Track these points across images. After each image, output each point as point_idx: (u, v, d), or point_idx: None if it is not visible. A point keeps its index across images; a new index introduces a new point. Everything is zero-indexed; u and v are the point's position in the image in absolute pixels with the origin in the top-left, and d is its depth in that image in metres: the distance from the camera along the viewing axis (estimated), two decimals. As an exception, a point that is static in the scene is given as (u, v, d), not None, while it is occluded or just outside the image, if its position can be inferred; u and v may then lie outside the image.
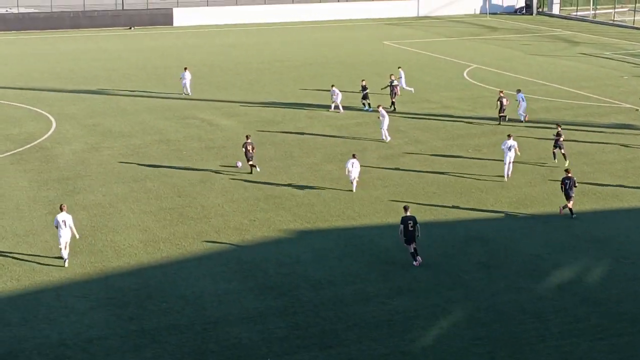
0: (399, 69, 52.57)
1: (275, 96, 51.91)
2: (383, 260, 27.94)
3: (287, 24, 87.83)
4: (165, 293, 25.40)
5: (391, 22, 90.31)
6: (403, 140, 42.09)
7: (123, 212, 31.88)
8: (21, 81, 56.33)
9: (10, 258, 27.71)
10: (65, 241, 27.29)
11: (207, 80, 56.97)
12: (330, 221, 31.33)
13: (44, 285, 25.89)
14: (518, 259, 28.17)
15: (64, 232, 27.23)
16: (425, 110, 48.52)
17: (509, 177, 36.19)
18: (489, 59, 66.26)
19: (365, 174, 36.52)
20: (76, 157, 39.13)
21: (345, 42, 75.04)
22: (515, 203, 33.38)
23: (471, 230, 30.67)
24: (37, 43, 73.39)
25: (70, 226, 27.32)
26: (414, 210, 32.20)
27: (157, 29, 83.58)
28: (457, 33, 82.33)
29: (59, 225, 27.22)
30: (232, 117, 46.58)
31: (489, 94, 52.34)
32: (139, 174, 36.70)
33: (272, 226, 30.81)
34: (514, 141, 36.52)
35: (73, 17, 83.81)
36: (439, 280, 26.49)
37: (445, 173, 37.00)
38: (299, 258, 28.08)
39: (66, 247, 27.38)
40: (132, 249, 28.61)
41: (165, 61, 64.35)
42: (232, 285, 26.01)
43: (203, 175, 36.40)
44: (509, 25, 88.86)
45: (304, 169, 37.54)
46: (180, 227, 30.51)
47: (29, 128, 44.10)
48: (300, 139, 42.19)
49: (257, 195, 34.02)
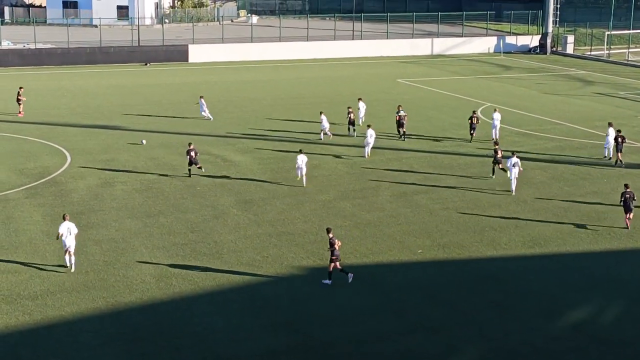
0: (359, 101, 54.84)
1: (290, 132, 52.03)
2: (396, 298, 27.81)
3: (301, 61, 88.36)
4: (177, 329, 25.32)
5: (405, 60, 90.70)
6: (416, 179, 42.06)
7: (136, 248, 31.89)
8: (37, 116, 56.70)
9: (23, 292, 27.71)
10: (70, 250, 29.22)
11: (222, 116, 57.21)
12: (342, 258, 31.20)
13: (55, 320, 25.85)
14: (532, 298, 27.99)
15: (68, 240, 29.14)
16: (439, 148, 48.53)
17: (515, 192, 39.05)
18: (502, 98, 66.34)
19: (378, 212, 36.52)
20: (90, 192, 39.25)
21: (358, 79, 75.35)
22: (529, 242, 33.22)
23: (484, 269, 30.52)
24: (54, 78, 73.98)
25: (75, 234, 29.34)
26: (427, 248, 32.21)
27: (172, 65, 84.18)
28: (471, 71, 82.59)
29: (63, 234, 29.06)
30: (246, 153, 46.69)
31: (502, 132, 52.28)
32: (152, 209, 36.77)
33: (284, 263, 30.75)
34: (517, 159, 39.37)
35: (89, 53, 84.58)
36: (452, 319, 26.33)
37: (458, 211, 36.91)
38: (311, 295, 27.99)
39: (71, 255, 29.28)
40: (144, 284, 28.57)
41: (181, 97, 64.70)
42: (244, 321, 25.91)
43: (216, 212, 36.43)
44: (523, 64, 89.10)
45: (317, 205, 37.52)
46: (192, 263, 30.48)
47: (44, 162, 44.31)
48: (313, 176, 42.20)
49: (269, 231, 34.01)
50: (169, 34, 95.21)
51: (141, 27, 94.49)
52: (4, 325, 25.37)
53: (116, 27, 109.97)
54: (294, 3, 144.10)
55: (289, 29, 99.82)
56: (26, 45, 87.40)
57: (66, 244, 29.34)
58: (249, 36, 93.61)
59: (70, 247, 29.42)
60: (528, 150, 48.14)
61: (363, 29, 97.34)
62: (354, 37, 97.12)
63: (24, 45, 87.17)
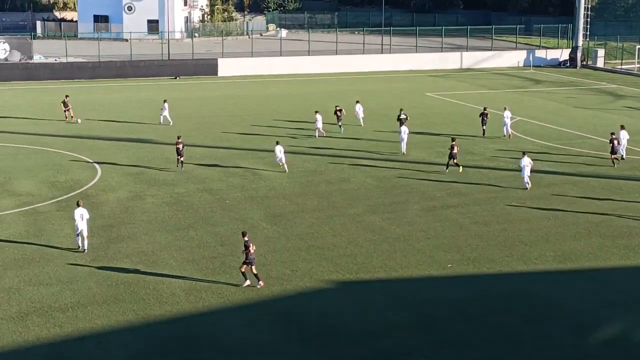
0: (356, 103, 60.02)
1: (319, 146, 52.09)
2: (425, 313, 27.70)
3: (330, 75, 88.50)
4: (207, 342, 25.36)
5: (434, 73, 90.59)
6: (446, 193, 41.94)
7: (166, 261, 32.01)
8: (68, 129, 57.18)
9: (54, 304, 27.89)
10: (83, 233, 32.48)
11: (251, 129, 57.40)
12: (372, 272, 31.18)
13: (86, 332, 25.99)
14: (563, 314, 27.77)
15: (80, 225, 32.46)
16: (469, 161, 48.36)
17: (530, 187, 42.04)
18: (532, 112, 66.05)
19: (408, 226, 36.44)
20: (120, 205, 39.48)
21: (387, 93, 75.35)
22: (560, 257, 32.98)
23: (515, 284, 30.33)
24: (85, 92, 74.56)
25: (87, 219, 32.71)
26: (456, 262, 32.07)
27: (202, 79, 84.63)
28: (501, 85, 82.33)
29: (76, 219, 32.42)
30: (275, 166, 46.74)
31: (532, 146, 52.08)
32: (182, 222, 36.91)
33: (313, 277, 30.73)
34: (528, 159, 42.16)
35: (120, 66, 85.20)
36: (481, 334, 26.17)
37: (488, 225, 36.74)
38: (341, 309, 27.93)
39: (84, 239, 32.55)
40: (174, 297, 28.66)
41: (210, 110, 64.99)
42: (274, 335, 25.91)
43: (245, 225, 36.49)
44: (553, 78, 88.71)
45: (347, 219, 37.49)
46: (222, 276, 30.53)
47: (74, 175, 44.63)
48: (342, 190, 42.20)
49: (299, 245, 34.02)
50: (198, 48, 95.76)
51: (171, 41, 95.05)
52: (35, 337, 25.54)
53: (146, 41, 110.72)
54: (323, 17, 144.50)
55: (317, 43, 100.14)
56: (57, 59, 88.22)
57: (78, 227, 32.58)
58: (278, 50, 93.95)
59: (83, 231, 32.57)
60: (558, 164, 47.88)
61: (392, 43, 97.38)
62: (383, 50, 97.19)
63: (55, 59, 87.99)
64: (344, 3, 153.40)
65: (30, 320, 26.71)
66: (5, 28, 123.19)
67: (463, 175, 45.29)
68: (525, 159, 42.09)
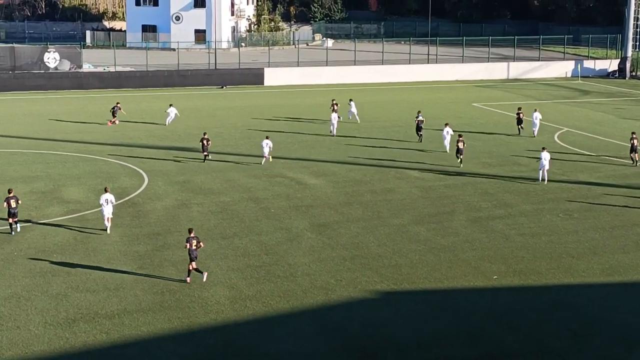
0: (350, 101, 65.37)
1: (364, 156, 52.09)
2: (470, 324, 27.50)
3: (376, 85, 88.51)
4: (251, 351, 25.43)
5: (480, 84, 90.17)
6: (492, 204, 41.67)
7: (211, 269, 32.16)
8: (116, 137, 57.82)
9: (101, 311, 28.17)
10: (108, 216, 36.22)
11: (297, 139, 57.57)
12: (417, 283, 31.07)
13: (132, 339, 26.19)
14: (609, 327, 27.41)
15: (106, 209, 36.07)
16: (515, 173, 48.03)
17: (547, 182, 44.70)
18: (580, 123, 65.47)
19: (453, 237, 36.26)
20: (167, 213, 39.79)
21: (433, 103, 75.10)
22: (608, 269, 32.59)
23: (561, 296, 30.01)
24: (132, 101, 75.32)
25: (113, 203, 36.46)
26: (502, 274, 31.83)
27: (248, 88, 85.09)
28: (548, 96, 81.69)
29: (103, 203, 36.02)
30: (320, 176, 46.84)
31: (579, 157, 51.58)
32: (227, 231, 37.09)
33: (358, 286, 30.68)
34: (547, 154, 45.45)
35: (167, 76, 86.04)
36: (527, 347, 25.93)
37: (534, 237, 36.42)
38: (385, 319, 27.86)
39: (109, 221, 36.22)
40: (219, 305, 28.79)
41: (256, 120, 65.29)
42: (318, 345, 25.90)
43: (290, 234, 36.58)
44: (602, 88, 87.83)
45: (392, 229, 37.41)
46: (266, 285, 30.61)
47: (122, 184, 45.08)
48: (387, 200, 42.13)
49: (343, 255, 34.00)
50: (245, 58, 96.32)
51: (218, 51, 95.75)
52: (82, 344, 25.80)
53: (193, 51, 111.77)
54: (369, 27, 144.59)
55: (363, 53, 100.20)
56: (106, 68, 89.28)
57: (105, 211, 36.19)
58: (324, 60, 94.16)
59: (109, 214, 36.27)
60: (606, 175, 47.38)
61: (438, 53, 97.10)
62: (429, 60, 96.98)
63: (104, 68, 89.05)
64: (390, 13, 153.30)
65: (77, 326, 27.00)
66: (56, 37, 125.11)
67: (509, 186, 44.96)
68: (544, 153, 45.26)
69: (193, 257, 30.50)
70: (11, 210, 35.96)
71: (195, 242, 30.59)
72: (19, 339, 26.03)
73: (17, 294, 29.53)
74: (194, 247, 30.44)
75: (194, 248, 30.42)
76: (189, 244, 30.52)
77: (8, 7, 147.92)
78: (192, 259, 30.49)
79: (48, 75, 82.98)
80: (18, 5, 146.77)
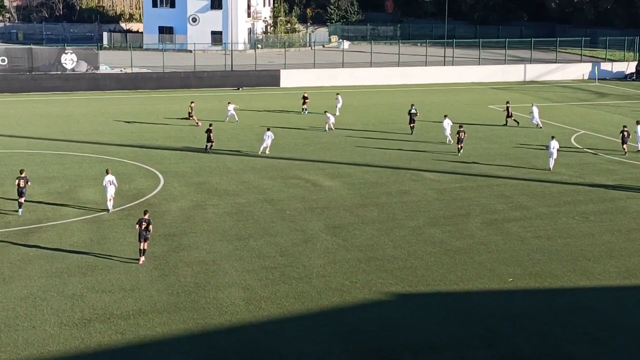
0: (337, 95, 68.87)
1: (380, 158, 52.06)
2: (486, 327, 27.43)
3: (392, 87, 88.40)
4: (266, 353, 25.45)
5: (497, 86, 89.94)
6: (508, 206, 41.55)
7: (226, 270, 32.21)
8: (133, 139, 57.99)
9: (116, 311, 28.25)
10: (111, 196, 38.97)
11: (311, 140, 57.57)
12: (432, 285, 31.01)
13: (147, 340, 26.26)
14: (627, 331, 27.29)
15: (109, 190, 38.73)
16: (532, 175, 47.88)
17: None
18: (597, 125, 65.20)
19: (468, 239, 36.18)
20: (182, 214, 39.87)
21: (450, 105, 74.90)
22: (625, 272, 32.44)
23: (577, 300, 29.90)
24: (149, 102, 75.56)
25: (114, 184, 38.96)
26: (518, 277, 31.72)
27: (264, 90, 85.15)
28: (565, 98, 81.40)
29: (106, 184, 38.55)
30: (335, 178, 46.83)
31: (596, 160, 51.38)
32: (242, 232, 37.13)
33: (373, 288, 30.65)
34: (556, 142, 48.28)
35: (183, 77, 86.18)
36: (543, 350, 25.84)
37: (550, 240, 36.29)
38: (400, 322, 27.82)
39: (111, 200, 39.10)
40: (233, 306, 28.83)
41: (272, 121, 65.27)
42: (332, 347, 25.89)
43: (305, 236, 36.58)
44: (619, 91, 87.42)
45: (407, 231, 37.36)
46: (281, 287, 30.63)
47: (138, 184, 45.20)
48: (403, 202, 42.08)
49: (358, 257, 33.97)
50: (261, 59, 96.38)
51: (234, 52, 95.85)
52: (97, 344, 25.89)
53: (210, 52, 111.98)
54: (386, 29, 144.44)
55: (380, 55, 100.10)
56: (123, 69, 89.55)
57: (107, 192, 38.81)
58: (340, 61, 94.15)
59: (111, 195, 38.99)
60: (624, 178, 47.17)
61: (454, 55, 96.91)
62: (445, 62, 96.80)
63: (120, 70, 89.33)
64: (407, 15, 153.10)
65: (93, 327, 27.09)
66: (73, 39, 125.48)
67: (525, 188, 44.83)
68: (553, 142, 48.09)
69: (143, 238, 32.71)
70: (19, 189, 38.96)
71: (145, 224, 32.65)
72: (34, 338, 26.16)
73: (33, 294, 29.67)
74: (143, 228, 32.56)
75: (143, 229, 32.54)
76: (139, 225, 32.66)
77: (26, 8, 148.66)
78: (143, 238, 32.69)
79: (65, 77, 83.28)
80: (36, 7, 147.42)
